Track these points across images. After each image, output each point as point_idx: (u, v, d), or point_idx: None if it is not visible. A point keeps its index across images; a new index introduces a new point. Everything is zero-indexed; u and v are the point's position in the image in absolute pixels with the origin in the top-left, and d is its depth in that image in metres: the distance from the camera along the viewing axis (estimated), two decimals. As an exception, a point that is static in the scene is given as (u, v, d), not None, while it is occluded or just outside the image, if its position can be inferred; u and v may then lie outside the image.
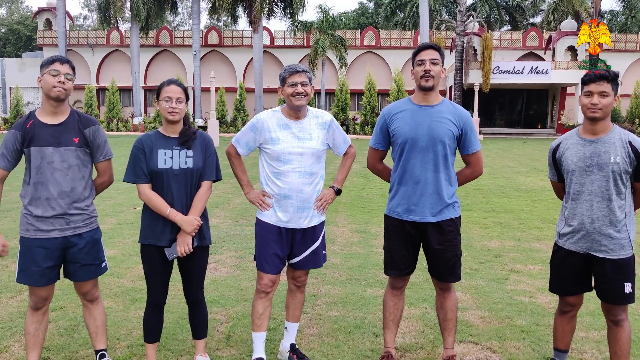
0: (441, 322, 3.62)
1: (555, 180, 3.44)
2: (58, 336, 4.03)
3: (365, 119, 36.35)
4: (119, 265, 5.79)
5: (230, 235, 7.27)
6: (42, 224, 3.13)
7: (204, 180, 3.34)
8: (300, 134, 3.42)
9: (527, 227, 7.95)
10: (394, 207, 3.50)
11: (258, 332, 3.54)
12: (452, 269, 3.47)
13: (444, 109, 3.41)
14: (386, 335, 3.68)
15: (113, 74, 41.53)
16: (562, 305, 3.41)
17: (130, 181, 3.27)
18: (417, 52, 3.40)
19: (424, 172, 3.37)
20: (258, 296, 3.52)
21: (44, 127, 3.13)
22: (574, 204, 3.22)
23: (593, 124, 3.15)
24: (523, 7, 47.57)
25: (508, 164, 17.55)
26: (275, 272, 3.48)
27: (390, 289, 3.67)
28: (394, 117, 3.49)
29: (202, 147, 3.34)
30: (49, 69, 3.10)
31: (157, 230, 3.26)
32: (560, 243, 3.34)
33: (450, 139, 3.37)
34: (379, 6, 57.75)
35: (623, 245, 3.14)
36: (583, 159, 3.16)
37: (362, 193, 11.14)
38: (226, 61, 42.41)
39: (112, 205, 9.45)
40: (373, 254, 6.38)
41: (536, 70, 35.10)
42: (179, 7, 56.80)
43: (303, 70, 3.39)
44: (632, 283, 3.17)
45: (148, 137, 3.29)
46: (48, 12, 43.61)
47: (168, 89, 3.24)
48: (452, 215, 3.44)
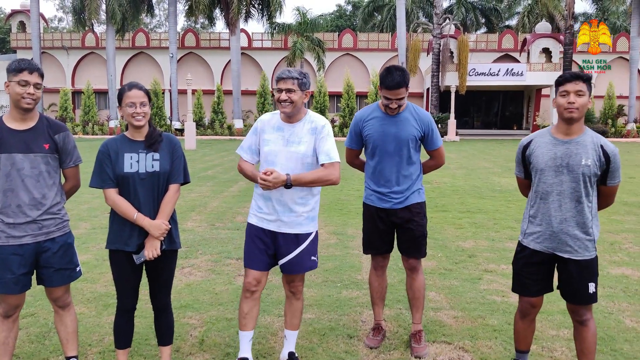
0: (410, 301, 4.10)
1: (522, 177, 3.44)
2: (29, 343, 3.97)
3: (343, 121, 36.43)
4: (92, 271, 5.72)
5: (205, 239, 7.23)
6: (14, 231, 3.08)
7: (172, 183, 3.28)
8: (290, 137, 3.42)
9: (501, 227, 8.05)
10: (368, 196, 4.03)
11: (244, 331, 3.56)
12: (420, 246, 3.98)
13: (408, 116, 3.86)
14: (375, 309, 4.19)
15: (89, 76, 41.02)
16: (523, 308, 3.40)
17: (96, 186, 3.22)
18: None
19: (392, 172, 3.88)
20: (243, 295, 3.55)
21: (12, 133, 3.08)
22: (541, 203, 3.23)
23: (568, 124, 3.13)
24: (499, 9, 48.16)
25: (484, 165, 17.74)
26: (259, 267, 3.47)
27: (373, 270, 4.15)
28: (365, 124, 3.94)
29: (169, 149, 3.28)
30: (18, 78, 3.02)
31: (124, 235, 3.22)
32: (525, 242, 3.33)
33: (414, 142, 3.86)
34: (356, 9, 58.02)
35: (587, 247, 3.18)
36: (554, 159, 3.16)
37: (340, 195, 11.17)
38: (204, 63, 42.19)
39: (87, 210, 9.33)
40: (349, 256, 6.40)
41: (512, 72, 35.56)
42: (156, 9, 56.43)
43: (289, 76, 3.33)
44: (595, 283, 3.22)
45: (114, 141, 3.24)
46: (22, 14, 42.90)
47: (130, 94, 3.17)
48: (418, 200, 3.96)
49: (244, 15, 36.62)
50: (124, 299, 3.34)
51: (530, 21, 42.80)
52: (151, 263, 3.31)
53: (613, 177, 3.15)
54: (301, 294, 3.69)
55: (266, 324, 4.35)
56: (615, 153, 3.12)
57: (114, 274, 3.33)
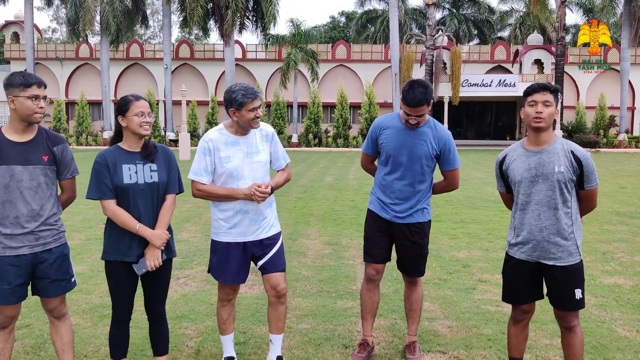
0: (407, 312, 4.08)
1: (504, 191, 3.52)
2: (24, 354, 3.97)
3: (337, 132, 36.54)
4: (87, 282, 5.72)
5: (200, 250, 7.24)
6: (11, 242, 3.09)
7: (169, 194, 3.35)
8: (248, 149, 3.53)
9: (494, 237, 8.10)
10: (372, 202, 3.99)
11: (225, 335, 3.76)
12: (416, 266, 3.94)
13: (427, 131, 3.80)
14: (364, 324, 4.06)
15: (82, 87, 40.97)
16: (516, 314, 3.47)
17: (94, 198, 3.24)
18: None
19: (401, 185, 3.82)
20: (220, 304, 3.72)
21: (12, 145, 3.09)
22: (522, 214, 3.30)
23: (537, 134, 3.22)
24: (491, 21, 48.61)
25: (477, 175, 17.84)
26: (235, 282, 3.63)
27: (365, 284, 4.03)
28: (382, 132, 3.89)
29: (164, 160, 3.34)
30: (28, 93, 3.04)
31: (123, 245, 3.24)
32: (511, 253, 3.40)
33: (428, 159, 3.79)
34: (350, 20, 58.33)
35: (571, 252, 3.23)
36: (528, 170, 3.24)
37: (334, 206, 11.20)
38: (198, 74, 42.24)
39: (81, 221, 9.32)
40: (344, 266, 6.42)
41: (504, 83, 35.83)
42: (150, 20, 56.49)
43: (258, 95, 3.47)
44: (581, 289, 3.26)
45: (110, 153, 3.27)
46: (15, 25, 42.90)
47: (139, 104, 3.24)
48: (421, 219, 3.88)
49: (238, 27, 36.73)
50: (120, 310, 3.35)
51: (522, 32, 43.21)
52: (150, 274, 3.33)
53: (589, 181, 3.21)
54: (285, 297, 3.72)
55: (261, 334, 4.36)
56: (586, 157, 3.19)
57: (110, 285, 3.34)
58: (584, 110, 37.43)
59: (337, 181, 14.68)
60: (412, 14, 49.09)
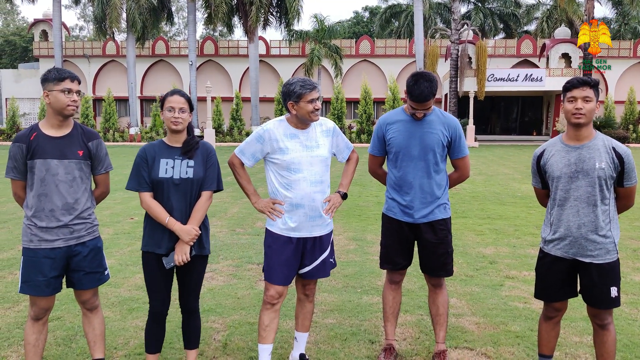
0: (433, 317, 3.88)
1: (539, 187, 3.47)
2: (55, 346, 4.05)
3: (361, 127, 36.42)
4: (116, 275, 5.81)
5: (227, 245, 7.30)
6: (47, 234, 3.17)
7: (204, 190, 3.37)
8: (307, 142, 3.46)
9: (522, 234, 8.00)
10: (390, 207, 3.80)
11: (263, 344, 3.52)
12: (443, 265, 3.76)
13: (435, 119, 3.65)
14: (387, 327, 3.92)
15: (109, 84, 41.55)
16: (548, 311, 3.44)
17: (132, 189, 3.33)
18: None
19: (416, 178, 3.66)
20: (264, 307, 3.52)
21: (48, 140, 3.18)
22: (559, 210, 3.25)
23: (577, 130, 3.18)
24: (517, 15, 47.84)
25: (503, 170, 17.63)
26: (283, 283, 3.46)
27: (388, 284, 3.92)
28: (388, 128, 3.76)
29: (203, 157, 3.37)
30: (61, 87, 3.13)
31: (157, 237, 3.31)
32: (546, 249, 3.35)
33: (440, 147, 3.65)
34: (374, 15, 58.06)
35: (608, 250, 3.18)
36: (568, 166, 3.19)
37: (358, 201, 11.18)
38: (222, 71, 42.50)
39: (109, 215, 9.46)
40: (369, 262, 6.41)
41: (530, 78, 35.26)
42: (175, 17, 57.01)
43: (315, 86, 3.40)
44: (617, 287, 3.21)
45: (152, 147, 3.34)
46: (44, 24, 43.66)
47: (171, 99, 3.28)
48: (443, 215, 3.74)
49: (262, 23, 36.83)
50: (154, 302, 3.40)
51: (549, 26, 42.44)
52: (181, 268, 3.38)
53: (629, 178, 3.16)
54: (314, 296, 3.72)
55: (288, 329, 4.39)
56: (628, 153, 3.14)
57: (146, 276, 3.40)
58: (612, 104, 36.64)
59: (361, 177, 14.63)
60: (437, 8, 48.60)
